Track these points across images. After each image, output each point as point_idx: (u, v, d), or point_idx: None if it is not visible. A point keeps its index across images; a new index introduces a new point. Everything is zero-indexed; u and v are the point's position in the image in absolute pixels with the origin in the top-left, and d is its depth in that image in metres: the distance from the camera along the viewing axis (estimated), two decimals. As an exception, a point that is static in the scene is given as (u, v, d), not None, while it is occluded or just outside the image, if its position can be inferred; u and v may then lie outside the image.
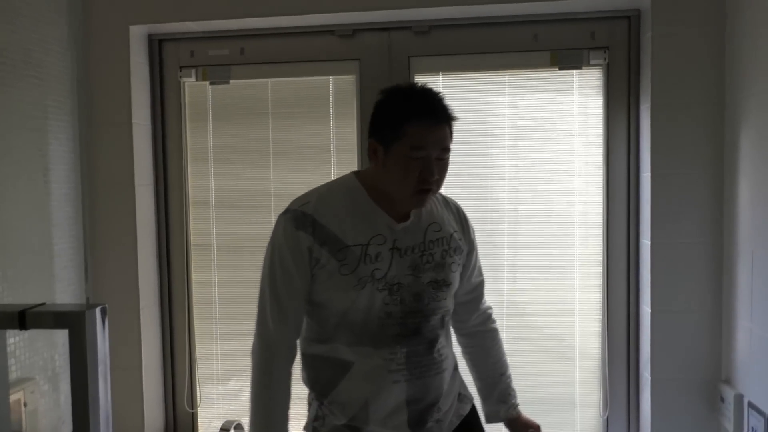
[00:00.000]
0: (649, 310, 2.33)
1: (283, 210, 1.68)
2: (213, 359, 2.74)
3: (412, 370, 1.62)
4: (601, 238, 2.50)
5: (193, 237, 2.71)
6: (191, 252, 2.71)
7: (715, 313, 2.29)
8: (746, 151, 2.09)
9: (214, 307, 2.72)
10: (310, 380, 1.72)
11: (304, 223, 1.57)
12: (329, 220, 1.58)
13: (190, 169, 2.70)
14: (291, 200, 2.47)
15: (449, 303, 1.71)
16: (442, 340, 1.70)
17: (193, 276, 2.72)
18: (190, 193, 2.70)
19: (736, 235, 2.17)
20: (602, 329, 2.52)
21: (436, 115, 1.56)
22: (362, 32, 2.57)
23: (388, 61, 2.56)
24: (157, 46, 2.66)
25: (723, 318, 2.28)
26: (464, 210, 1.83)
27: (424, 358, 1.64)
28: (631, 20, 2.42)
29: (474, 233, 1.82)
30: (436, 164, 1.56)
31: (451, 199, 1.82)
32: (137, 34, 2.56)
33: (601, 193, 2.49)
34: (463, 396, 1.81)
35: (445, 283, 1.65)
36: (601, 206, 2.50)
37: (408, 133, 1.53)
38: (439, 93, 1.62)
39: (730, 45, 2.20)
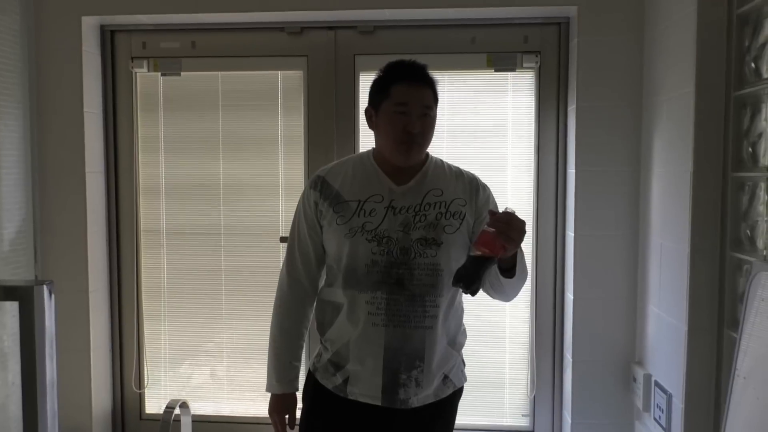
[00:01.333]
0: (572, 297, 2.52)
1: None
2: (161, 342, 2.83)
3: (391, 317, 1.76)
4: (531, 230, 2.68)
5: (143, 223, 2.80)
6: (141, 238, 2.80)
7: (631, 299, 2.49)
8: (658, 151, 2.29)
9: (162, 291, 2.81)
10: (317, 321, 1.92)
11: (316, 183, 1.86)
12: (335, 180, 1.84)
13: (141, 158, 2.78)
14: (239, 189, 2.73)
15: (441, 261, 1.76)
16: (433, 299, 1.77)
17: (143, 261, 2.81)
18: (140, 180, 2.78)
19: (649, 229, 2.36)
20: (531, 315, 2.70)
21: (417, 76, 1.80)
22: (310, 30, 2.68)
23: (334, 59, 2.68)
24: (109, 36, 2.73)
25: (637, 304, 2.48)
26: (487, 186, 1.90)
27: (404, 307, 1.76)
28: (561, 27, 2.60)
29: (489, 204, 1.87)
30: (420, 120, 1.76)
31: (469, 174, 1.90)
32: (89, 24, 2.62)
33: (532, 188, 2.67)
34: (449, 380, 1.88)
35: (435, 242, 1.77)
36: (531, 200, 2.67)
37: (393, 93, 1.77)
38: (423, 64, 1.84)
39: (647, 53, 2.39)
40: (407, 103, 1.75)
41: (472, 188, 1.86)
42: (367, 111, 1.86)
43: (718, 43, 1.97)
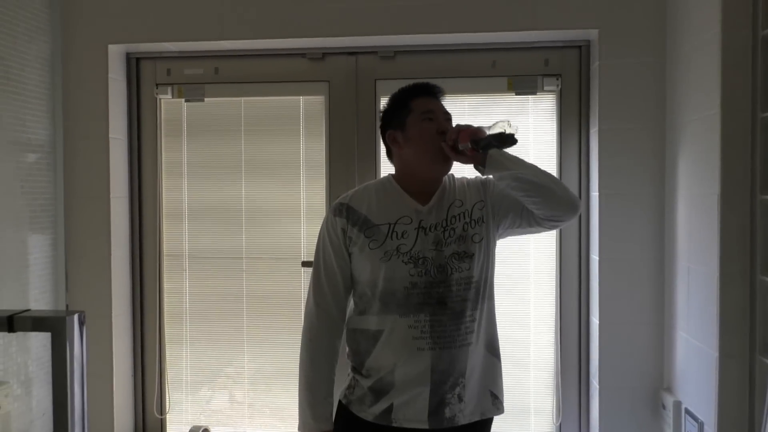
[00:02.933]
0: (598, 322, 2.48)
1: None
2: (183, 367, 2.83)
3: (437, 339, 1.73)
4: (555, 253, 2.65)
5: (166, 247, 2.81)
6: (163, 262, 2.81)
7: (658, 324, 2.44)
8: (683, 173, 2.26)
9: (184, 316, 2.82)
10: (351, 353, 1.88)
11: (341, 210, 1.82)
12: (361, 206, 1.81)
13: (165, 183, 2.81)
14: (261, 214, 2.73)
15: (476, 273, 1.77)
16: (471, 313, 1.76)
17: (165, 285, 2.82)
18: (163, 205, 2.81)
19: (675, 252, 2.33)
20: (555, 340, 2.66)
21: (432, 90, 1.86)
22: (331, 56, 2.71)
23: (355, 84, 2.70)
24: (134, 64, 2.78)
25: (665, 329, 2.43)
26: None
27: (448, 328, 1.74)
28: (581, 50, 2.60)
29: (494, 185, 1.85)
30: (448, 123, 1.81)
31: (474, 178, 1.90)
32: (115, 52, 2.67)
33: (555, 211, 2.64)
34: (496, 399, 1.85)
35: (467, 255, 1.77)
36: (555, 223, 2.64)
37: (415, 106, 1.82)
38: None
39: (670, 75, 2.37)
40: (432, 110, 1.81)
41: (481, 185, 1.86)
42: (390, 134, 1.84)
43: (743, 64, 1.95)
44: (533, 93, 2.63)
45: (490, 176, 1.78)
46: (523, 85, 2.62)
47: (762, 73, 1.93)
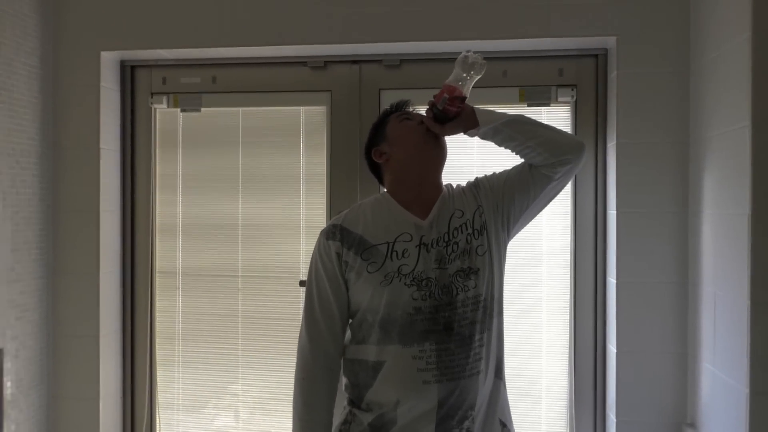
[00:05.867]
0: (615, 350, 2.30)
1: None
2: (174, 390, 2.69)
3: (444, 370, 1.59)
4: (569, 276, 2.48)
5: (159, 264, 2.68)
6: (156, 279, 2.68)
7: (681, 354, 2.26)
8: (709, 191, 2.09)
9: (177, 336, 2.68)
10: (349, 385, 1.72)
11: (334, 233, 1.68)
12: (356, 226, 1.67)
13: (158, 196, 2.68)
14: (258, 229, 2.59)
15: (483, 290, 1.64)
16: (480, 337, 1.63)
17: (157, 304, 2.69)
18: (157, 219, 2.68)
19: (700, 276, 2.15)
20: (569, 369, 2.49)
21: (404, 105, 1.83)
22: (334, 64, 2.58)
23: (358, 93, 2.56)
24: (129, 72, 2.66)
25: (688, 360, 2.25)
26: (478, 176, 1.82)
27: (457, 356, 1.60)
28: (598, 59, 2.44)
29: (486, 180, 1.77)
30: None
31: (467, 183, 1.81)
32: (108, 59, 2.56)
33: (569, 231, 2.48)
34: (504, 427, 1.71)
35: (473, 270, 1.63)
36: (569, 243, 2.48)
37: (392, 118, 1.77)
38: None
39: (694, 86, 2.21)
40: (407, 113, 1.78)
41: (474, 187, 1.75)
42: (374, 151, 1.76)
43: (776, 73, 1.79)
44: (546, 104, 2.47)
45: (474, 180, 1.74)
46: (535, 95, 2.47)
47: (797, 83, 1.76)
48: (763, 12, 1.79)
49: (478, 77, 1.68)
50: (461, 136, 1.73)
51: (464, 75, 1.66)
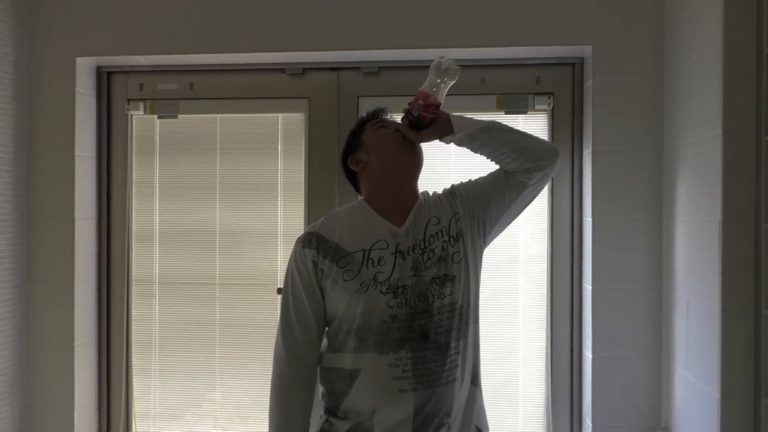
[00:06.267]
0: (591, 356, 2.32)
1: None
2: (151, 399, 2.66)
3: (420, 378, 1.58)
4: (546, 282, 2.50)
5: (135, 272, 2.66)
6: (132, 287, 2.65)
7: (655, 359, 2.29)
8: (682, 199, 2.12)
9: (153, 345, 2.65)
10: (325, 393, 1.71)
11: (310, 241, 1.67)
12: (332, 234, 1.67)
13: (135, 203, 2.66)
14: (236, 237, 2.58)
15: (459, 297, 1.64)
16: (456, 344, 1.63)
17: (133, 312, 2.66)
18: (133, 227, 2.66)
19: (673, 283, 2.19)
20: (546, 374, 2.51)
21: (380, 113, 1.80)
22: (312, 71, 2.58)
23: (337, 101, 2.56)
24: (105, 78, 2.64)
25: (662, 365, 2.28)
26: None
27: (432, 364, 1.59)
28: (575, 67, 2.47)
29: (462, 187, 1.77)
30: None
31: (443, 190, 1.80)
32: (84, 65, 2.53)
33: (546, 237, 2.50)
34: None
35: (448, 278, 1.63)
36: (546, 250, 2.50)
37: (368, 126, 1.76)
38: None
39: (668, 95, 2.25)
40: (383, 120, 1.77)
41: (450, 195, 1.75)
42: (351, 159, 1.75)
43: (746, 83, 1.82)
44: (524, 112, 2.50)
45: (450, 187, 1.75)
46: (513, 103, 2.49)
47: (767, 93, 1.80)
48: (734, 23, 1.83)
49: (452, 83, 1.69)
50: (438, 143, 1.74)
51: (438, 81, 1.67)
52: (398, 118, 1.76)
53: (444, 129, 1.69)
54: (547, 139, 2.48)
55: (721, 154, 1.83)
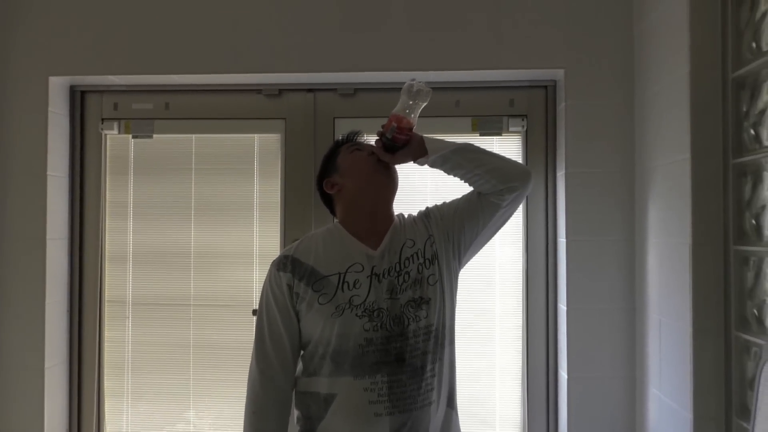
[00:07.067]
0: (566, 376, 2.33)
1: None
2: (123, 422, 2.61)
3: (395, 402, 1.58)
4: (521, 303, 2.51)
5: (108, 293, 2.62)
6: (105, 309, 2.62)
7: (629, 379, 2.31)
8: (654, 221, 2.15)
9: (126, 367, 2.61)
10: (300, 417, 1.69)
11: (285, 264, 1.66)
12: (308, 257, 1.66)
13: (108, 223, 2.63)
14: (211, 258, 2.57)
15: (435, 319, 1.64)
16: (432, 367, 1.62)
17: (106, 334, 2.62)
18: (106, 247, 2.62)
19: (646, 303, 2.21)
20: (522, 395, 2.51)
21: (354, 136, 1.83)
22: (288, 92, 2.59)
23: (313, 122, 2.57)
24: (79, 97, 2.62)
25: (636, 385, 2.29)
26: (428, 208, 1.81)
27: (408, 388, 1.59)
28: (548, 90, 2.50)
29: (437, 209, 1.78)
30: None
31: (418, 212, 1.81)
32: (57, 84, 2.51)
33: (521, 258, 2.52)
34: None
35: (423, 300, 1.63)
36: (521, 271, 2.52)
37: (343, 149, 1.78)
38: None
39: (638, 117, 2.28)
40: (358, 143, 1.79)
41: (424, 217, 1.76)
42: (326, 182, 1.76)
43: (713, 107, 1.86)
44: (498, 134, 2.52)
45: (425, 209, 1.76)
46: (487, 125, 2.52)
47: (733, 117, 1.84)
48: (700, 49, 1.87)
49: (424, 104, 1.71)
50: (413, 164, 1.75)
51: (411, 103, 1.69)
52: (373, 140, 1.77)
53: (418, 151, 1.71)
54: (521, 161, 2.50)
55: (690, 177, 1.86)
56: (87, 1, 2.45)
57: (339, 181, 1.74)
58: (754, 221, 1.76)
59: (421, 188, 2.50)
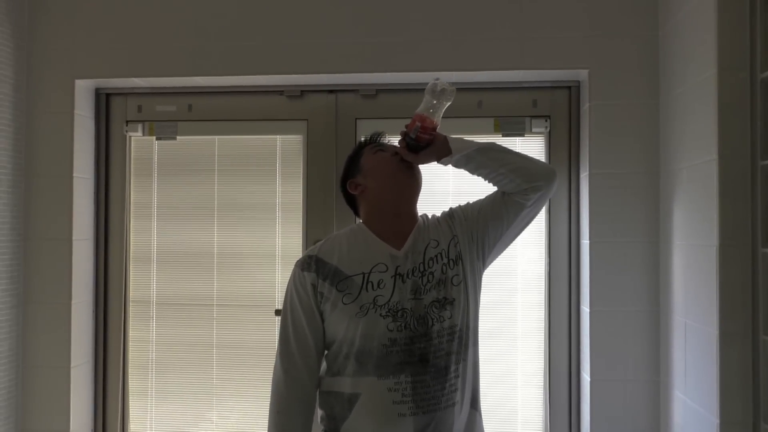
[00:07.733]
0: (589, 379, 2.32)
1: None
2: (147, 422, 2.64)
3: (419, 403, 1.58)
4: (543, 305, 2.50)
5: (132, 293, 2.65)
6: (129, 309, 2.65)
7: (653, 382, 2.28)
8: (679, 222, 2.13)
9: (150, 367, 2.64)
10: (324, 417, 1.70)
11: (309, 264, 1.67)
12: (332, 257, 1.67)
13: (133, 224, 2.66)
14: (234, 258, 2.63)
15: (459, 320, 1.64)
16: (456, 368, 1.63)
17: (130, 334, 2.65)
18: (131, 248, 2.65)
19: (671, 306, 2.18)
20: (544, 398, 2.50)
21: (377, 138, 1.84)
22: (310, 93, 2.59)
23: (335, 123, 2.58)
24: (104, 99, 2.65)
25: (660, 388, 2.27)
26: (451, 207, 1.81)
27: (432, 388, 1.59)
28: (571, 90, 2.48)
29: (461, 210, 1.77)
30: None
31: (442, 213, 1.81)
32: (83, 87, 2.54)
33: (543, 260, 2.50)
34: None
35: (448, 301, 1.63)
36: (543, 273, 2.50)
37: (366, 150, 1.79)
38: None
39: (663, 118, 2.26)
40: (381, 144, 1.80)
41: (448, 218, 1.76)
42: (350, 183, 1.77)
43: (741, 108, 1.83)
44: (521, 135, 2.51)
45: (449, 210, 1.76)
46: (510, 126, 2.50)
47: (762, 118, 1.81)
48: (727, 49, 1.84)
49: (448, 104, 1.70)
50: (436, 165, 1.75)
51: (434, 102, 1.68)
52: (396, 141, 1.77)
53: (442, 150, 1.71)
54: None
55: (716, 178, 1.84)
56: (111, 5, 2.48)
57: (362, 181, 1.74)
58: (783, 224, 1.73)
59: (442, 188, 2.49)
